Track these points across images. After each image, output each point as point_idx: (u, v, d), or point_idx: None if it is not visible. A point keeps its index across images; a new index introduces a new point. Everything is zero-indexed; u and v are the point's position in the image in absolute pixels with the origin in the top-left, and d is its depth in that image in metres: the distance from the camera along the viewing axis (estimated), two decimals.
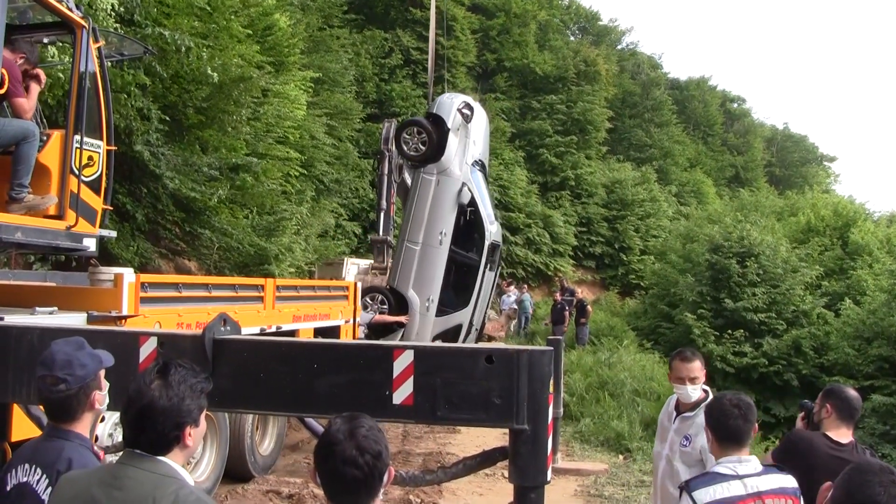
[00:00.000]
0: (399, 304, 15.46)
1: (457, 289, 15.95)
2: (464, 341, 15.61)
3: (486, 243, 15.71)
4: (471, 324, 16.07)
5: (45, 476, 3.21)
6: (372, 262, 18.27)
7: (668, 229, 43.39)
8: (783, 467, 4.24)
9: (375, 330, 14.88)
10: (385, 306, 15.34)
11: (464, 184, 15.49)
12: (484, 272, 15.86)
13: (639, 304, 36.58)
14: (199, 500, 2.58)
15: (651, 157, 51.27)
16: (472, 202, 15.56)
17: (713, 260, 28.04)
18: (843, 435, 4.98)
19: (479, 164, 16.41)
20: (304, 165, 21.22)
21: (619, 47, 58.31)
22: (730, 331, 25.97)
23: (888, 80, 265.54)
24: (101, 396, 3.42)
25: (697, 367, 5.57)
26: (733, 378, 25.01)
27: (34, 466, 3.28)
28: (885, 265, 28.11)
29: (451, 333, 15.73)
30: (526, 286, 34.51)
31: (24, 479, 3.27)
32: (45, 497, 3.14)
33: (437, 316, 15.61)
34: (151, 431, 2.65)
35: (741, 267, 27.24)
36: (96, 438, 6.77)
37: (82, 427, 3.37)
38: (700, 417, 5.16)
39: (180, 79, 14.36)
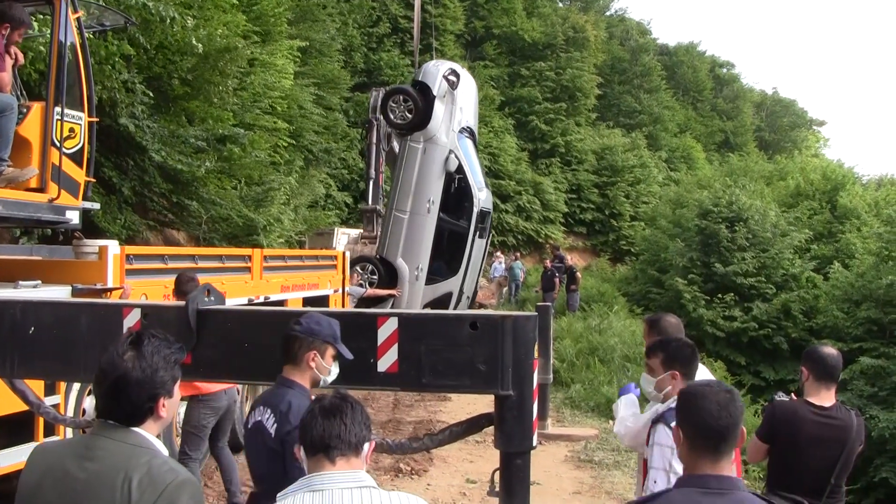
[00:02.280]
0: (389, 273, 15.43)
1: (446, 257, 15.91)
2: (454, 309, 15.58)
3: (475, 210, 15.67)
4: (461, 291, 16.05)
5: (271, 414, 3.89)
6: (362, 231, 18.24)
7: (658, 195, 43.44)
8: None
9: (366, 300, 14.85)
10: (375, 276, 15.32)
11: (451, 151, 15.42)
12: (473, 239, 15.82)
13: (629, 269, 36.70)
14: (172, 469, 2.56)
15: (641, 123, 51.21)
16: (460, 169, 15.50)
17: (703, 225, 28.10)
18: (824, 398, 4.96)
19: (468, 131, 16.32)
20: (293, 135, 21.14)
21: (607, 13, 58.00)
22: (720, 295, 26.06)
23: (877, 45, 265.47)
24: (323, 366, 3.94)
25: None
26: (723, 342, 25.16)
27: (265, 408, 3.95)
28: (873, 228, 28.17)
29: (442, 301, 15.73)
30: (518, 253, 34.56)
31: (259, 418, 3.96)
32: (272, 431, 3.85)
33: (426, 284, 15.60)
34: (125, 403, 2.61)
35: (731, 232, 27.30)
36: (83, 412, 6.77)
37: (304, 380, 3.93)
38: None
39: (165, 49, 14.26)
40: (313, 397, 3.07)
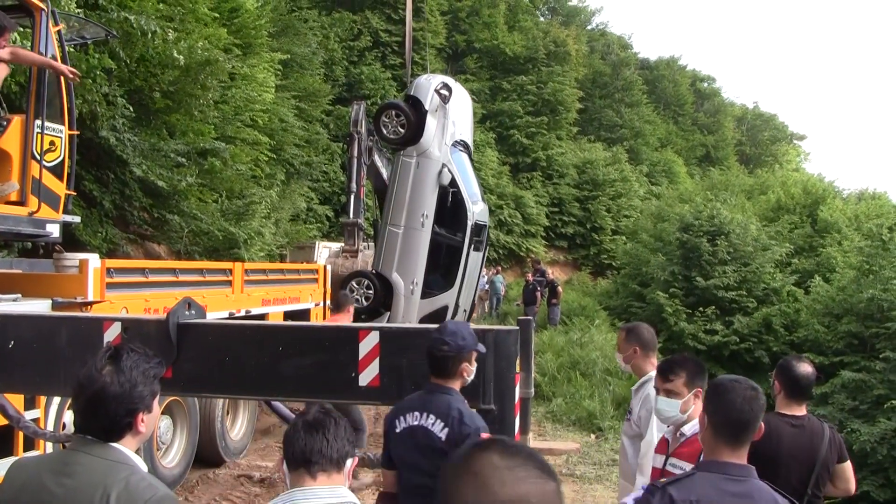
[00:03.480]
0: (385, 288, 15.39)
1: (441, 270, 15.86)
2: None
3: (470, 223, 15.65)
4: (457, 304, 16.00)
5: (439, 420, 4.00)
6: (343, 244, 18.18)
7: (639, 209, 43.48)
8: None
9: (362, 314, 14.80)
10: (371, 291, 15.27)
11: (444, 165, 15.37)
12: (468, 253, 15.80)
13: (611, 283, 36.70)
14: (151, 486, 2.53)
15: (622, 137, 51.39)
16: (454, 182, 15.47)
17: (684, 239, 28.10)
18: (795, 410, 5.03)
19: (462, 144, 16.29)
20: (274, 149, 21.12)
21: (588, 27, 58.29)
22: (701, 309, 26.04)
23: (856, 59, 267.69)
24: (471, 370, 4.08)
25: None
26: (705, 356, 25.05)
27: (426, 414, 4.03)
28: (853, 242, 28.27)
29: (438, 315, 15.67)
30: (500, 267, 34.58)
31: (416, 423, 4.02)
32: (441, 436, 3.96)
33: (422, 298, 15.53)
34: (103, 418, 2.58)
35: (712, 245, 27.31)
36: (64, 426, 6.71)
37: (456, 385, 4.07)
38: (643, 390, 5.16)
39: (146, 62, 14.21)
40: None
